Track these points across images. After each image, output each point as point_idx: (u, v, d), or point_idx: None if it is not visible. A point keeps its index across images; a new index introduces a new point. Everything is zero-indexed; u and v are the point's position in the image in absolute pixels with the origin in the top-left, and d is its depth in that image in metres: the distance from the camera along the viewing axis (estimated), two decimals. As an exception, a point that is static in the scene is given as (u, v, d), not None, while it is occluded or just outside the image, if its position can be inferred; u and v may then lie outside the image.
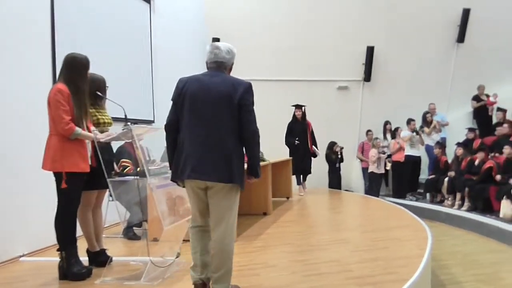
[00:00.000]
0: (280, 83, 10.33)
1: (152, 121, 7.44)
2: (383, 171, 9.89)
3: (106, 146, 4.07)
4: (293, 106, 8.73)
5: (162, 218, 3.75)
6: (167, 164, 4.21)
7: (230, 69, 3.25)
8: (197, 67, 9.69)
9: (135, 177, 3.86)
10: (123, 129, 3.75)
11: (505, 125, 9.00)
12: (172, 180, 3.19)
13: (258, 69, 10.37)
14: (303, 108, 8.69)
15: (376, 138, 10.09)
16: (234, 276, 3.67)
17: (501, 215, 7.18)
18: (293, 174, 8.49)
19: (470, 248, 6.87)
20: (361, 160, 10.46)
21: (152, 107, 7.49)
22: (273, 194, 7.58)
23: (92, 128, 3.90)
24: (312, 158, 8.93)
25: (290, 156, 8.53)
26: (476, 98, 10.79)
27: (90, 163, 3.78)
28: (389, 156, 9.99)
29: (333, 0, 10.70)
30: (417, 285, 3.50)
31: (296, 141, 8.49)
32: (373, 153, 9.84)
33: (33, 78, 4.73)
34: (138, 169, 4.02)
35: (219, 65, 3.14)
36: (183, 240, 4.32)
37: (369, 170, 9.95)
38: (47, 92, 3.67)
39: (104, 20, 6.19)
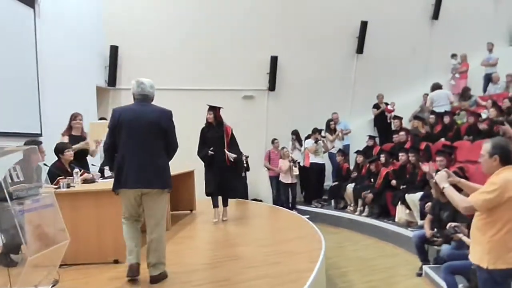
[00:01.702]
0: (184, 92, 10.01)
1: (40, 134, 6.85)
2: (294, 181, 9.95)
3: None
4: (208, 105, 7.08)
5: (27, 246, 3.38)
6: (38, 184, 3.89)
7: (152, 99, 4.06)
8: (92, 76, 9.21)
9: (-5, 201, 3.38)
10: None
11: (402, 133, 9.42)
12: (113, 190, 3.94)
13: (160, 78, 9.91)
14: (218, 109, 6.94)
15: (283, 148, 10.14)
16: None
17: (396, 219, 7.45)
18: (207, 195, 6.87)
19: (368, 253, 7.11)
20: (268, 169, 10.46)
21: (39, 120, 6.90)
22: (175, 207, 7.36)
23: None
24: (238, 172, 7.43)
25: (205, 171, 6.86)
26: (376, 106, 11.32)
27: None
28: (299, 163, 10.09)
29: (234, 11, 10.57)
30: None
31: (209, 152, 6.63)
32: (282, 163, 9.86)
33: None
34: None
35: (145, 97, 3.99)
36: (62, 265, 3.96)
37: (280, 179, 9.98)
38: None
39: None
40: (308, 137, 10.31)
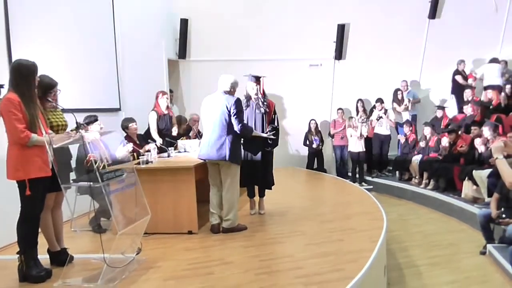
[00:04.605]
0: (250, 62, 10.08)
1: (119, 109, 7.37)
2: (363, 149, 9.85)
3: (62, 148, 4.05)
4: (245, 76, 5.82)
5: (116, 223, 3.81)
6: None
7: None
8: (163, 49, 9.57)
9: (89, 183, 3.83)
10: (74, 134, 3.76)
11: (468, 105, 9.08)
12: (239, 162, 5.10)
13: (227, 49, 10.26)
14: (260, 79, 5.74)
15: (351, 117, 10.10)
16: (188, 276, 3.80)
17: (462, 195, 7.37)
18: (242, 185, 5.45)
19: (431, 228, 7.09)
20: (332, 137, 10.45)
21: (117, 95, 7.39)
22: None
23: (49, 131, 3.87)
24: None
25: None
26: (460, 73, 10.45)
27: (51, 166, 3.78)
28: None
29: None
30: (363, 282, 3.58)
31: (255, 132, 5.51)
32: (351, 132, 9.83)
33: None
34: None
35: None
36: (145, 233, 4.39)
37: (349, 149, 10.03)
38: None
39: (59, 5, 6.07)
40: (373, 108, 10.22)
